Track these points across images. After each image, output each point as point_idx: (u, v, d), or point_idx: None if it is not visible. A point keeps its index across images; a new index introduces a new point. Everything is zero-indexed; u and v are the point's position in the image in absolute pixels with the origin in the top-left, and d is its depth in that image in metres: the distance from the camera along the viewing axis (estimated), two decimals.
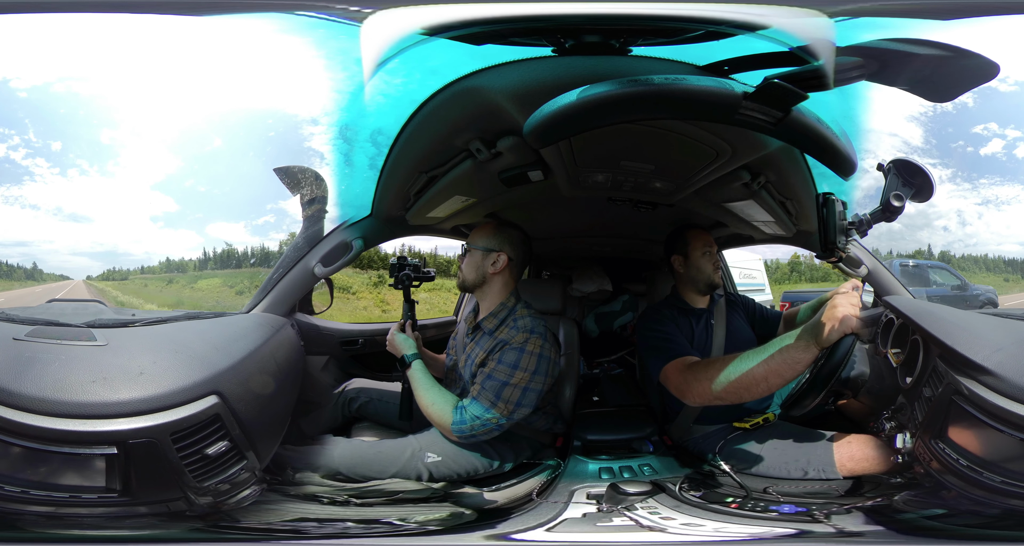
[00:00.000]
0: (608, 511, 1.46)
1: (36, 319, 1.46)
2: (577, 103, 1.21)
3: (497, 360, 1.68)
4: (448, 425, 1.67)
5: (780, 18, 1.26)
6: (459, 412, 1.67)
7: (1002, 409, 1.25)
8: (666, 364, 1.74)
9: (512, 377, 1.65)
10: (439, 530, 1.42)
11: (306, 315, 2.22)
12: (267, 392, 1.54)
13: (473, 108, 1.50)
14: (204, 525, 1.34)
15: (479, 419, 1.65)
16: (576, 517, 1.45)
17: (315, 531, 1.38)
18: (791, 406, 1.49)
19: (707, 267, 2.00)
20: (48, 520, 1.26)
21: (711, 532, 1.37)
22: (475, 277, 1.81)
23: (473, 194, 2.02)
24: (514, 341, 1.68)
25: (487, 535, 1.40)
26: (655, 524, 1.39)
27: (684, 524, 1.39)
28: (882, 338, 1.70)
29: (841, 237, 1.41)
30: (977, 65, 1.30)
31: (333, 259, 1.94)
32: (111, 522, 1.27)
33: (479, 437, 1.68)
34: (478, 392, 1.68)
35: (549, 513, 1.46)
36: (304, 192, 1.94)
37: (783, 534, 1.37)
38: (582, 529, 1.40)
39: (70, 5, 1.46)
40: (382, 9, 1.34)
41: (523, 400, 1.67)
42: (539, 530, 1.40)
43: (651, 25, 1.29)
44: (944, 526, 1.37)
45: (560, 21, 1.29)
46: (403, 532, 1.40)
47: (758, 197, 1.95)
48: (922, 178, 1.45)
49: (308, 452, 1.69)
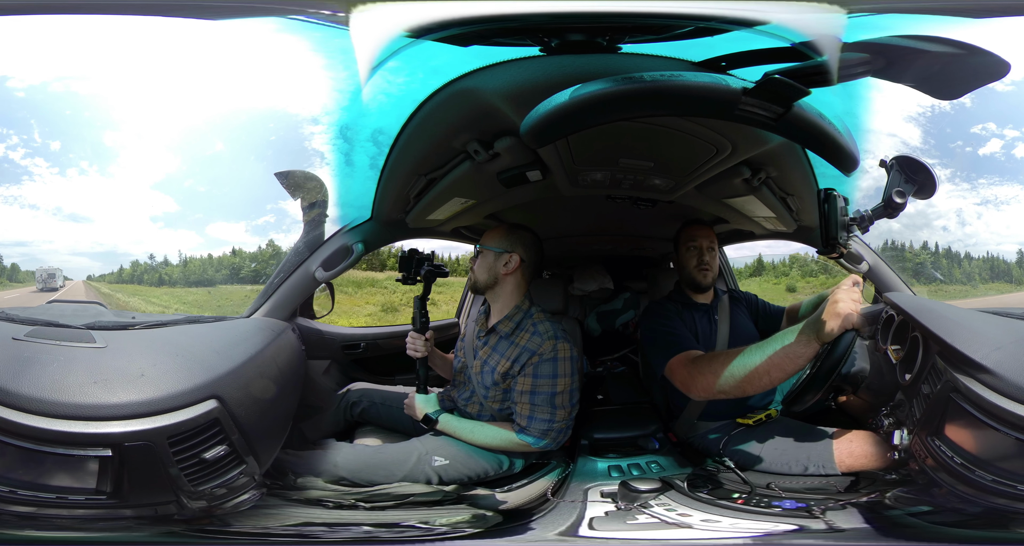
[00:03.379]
0: (627, 509, 1.47)
1: (36, 319, 1.46)
2: (573, 101, 1.21)
3: (533, 375, 1.71)
4: (531, 450, 1.74)
5: (790, 14, 1.25)
6: (527, 436, 1.72)
7: (999, 408, 1.24)
8: (671, 358, 1.75)
9: (557, 386, 1.70)
10: (472, 534, 1.43)
11: (307, 319, 2.21)
12: (268, 396, 1.53)
13: (469, 109, 1.50)
14: (194, 529, 1.33)
15: (550, 431, 1.71)
16: (600, 516, 1.46)
17: (323, 536, 1.38)
18: (793, 402, 1.49)
19: (689, 262, 1.99)
20: (30, 521, 1.25)
21: (728, 528, 1.39)
22: (487, 278, 1.80)
23: (472, 195, 2.01)
24: (543, 351, 1.70)
25: (525, 538, 1.41)
26: (679, 521, 1.41)
27: (703, 520, 1.42)
28: (882, 334, 1.70)
29: (842, 233, 1.41)
30: (987, 63, 1.30)
31: (334, 263, 1.93)
32: (95, 524, 1.26)
33: (562, 441, 1.75)
34: (531, 410, 1.71)
35: (571, 513, 1.48)
36: (304, 196, 1.93)
37: (787, 530, 1.38)
38: (612, 527, 1.42)
39: (70, 7, 1.46)
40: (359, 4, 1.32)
41: (573, 399, 1.74)
42: (581, 527, 1.42)
43: (637, 22, 1.29)
44: (937, 523, 1.37)
45: (540, 20, 1.28)
46: (432, 536, 1.40)
47: (759, 193, 1.94)
48: (925, 175, 1.45)
49: (310, 457, 1.68)
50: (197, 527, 1.33)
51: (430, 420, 1.79)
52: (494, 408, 1.79)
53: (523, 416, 1.71)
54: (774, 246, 3.10)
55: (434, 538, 1.39)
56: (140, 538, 1.30)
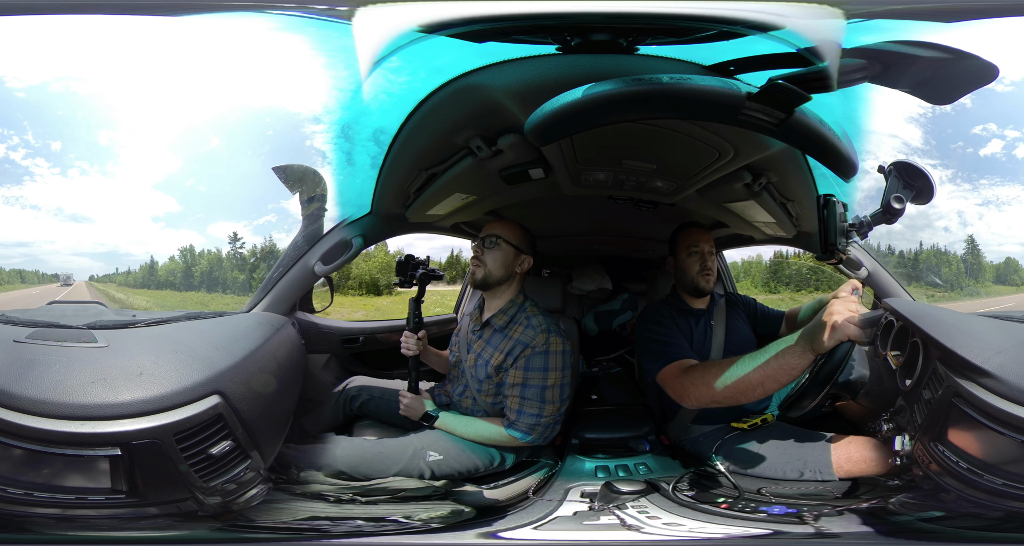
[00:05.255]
0: (599, 510, 1.48)
1: (36, 321, 1.46)
2: (580, 101, 1.21)
3: (525, 367, 1.73)
4: (519, 444, 1.76)
5: (794, 18, 1.25)
6: (515, 430, 1.74)
7: (1002, 411, 1.24)
8: (663, 367, 1.75)
9: (548, 379, 1.72)
10: (437, 528, 1.44)
11: (306, 314, 2.21)
12: (269, 391, 1.54)
13: (473, 105, 1.49)
14: (215, 525, 1.34)
15: (538, 425, 1.73)
16: (567, 515, 1.47)
17: (324, 529, 1.39)
18: (789, 407, 1.49)
19: (692, 267, 1.96)
20: (56, 522, 1.26)
21: (686, 532, 1.40)
22: (504, 273, 1.80)
23: (474, 192, 2.01)
24: (535, 343, 1.73)
25: (480, 533, 1.42)
26: (636, 523, 1.42)
27: (666, 524, 1.42)
28: (882, 340, 1.70)
29: (841, 239, 1.42)
30: (976, 67, 1.30)
31: (333, 257, 1.94)
32: (121, 523, 1.27)
33: (550, 436, 1.78)
34: (520, 403, 1.73)
35: (541, 511, 1.49)
36: (304, 191, 1.93)
37: (761, 534, 1.38)
38: (569, 527, 1.43)
39: (69, 7, 1.45)
40: (365, 4, 1.32)
41: (563, 394, 1.76)
42: (527, 528, 1.43)
43: (663, 24, 1.28)
44: (942, 528, 1.37)
45: (572, 19, 1.28)
46: (405, 530, 1.42)
47: (759, 198, 1.94)
48: (922, 180, 1.45)
49: (311, 451, 1.69)
50: (226, 523, 1.35)
51: (430, 417, 1.82)
52: (487, 402, 1.82)
53: (512, 410, 1.74)
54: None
55: (403, 532, 1.42)
56: (172, 537, 1.32)
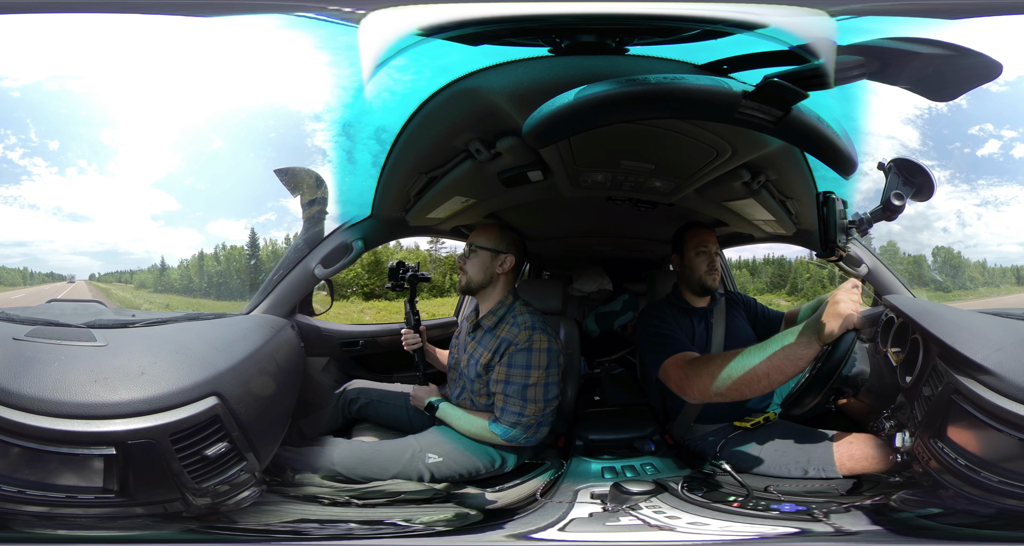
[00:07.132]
0: (614, 511, 1.46)
1: (36, 319, 1.46)
2: (576, 103, 1.21)
3: (508, 364, 1.72)
4: (499, 441, 1.75)
5: (780, 17, 1.25)
6: (496, 426, 1.74)
7: (1001, 409, 1.24)
8: (665, 360, 1.74)
9: (530, 377, 1.71)
10: (445, 531, 1.43)
11: (306, 316, 2.21)
12: (267, 393, 1.53)
13: (472, 109, 1.50)
14: (203, 526, 1.33)
15: (519, 424, 1.72)
16: (583, 517, 1.45)
17: (316, 532, 1.38)
18: (792, 405, 1.49)
19: (700, 267, 1.98)
20: (44, 520, 1.25)
21: (717, 531, 1.38)
22: (483, 278, 1.82)
23: (473, 194, 2.02)
24: (519, 341, 1.72)
25: (498, 536, 1.41)
26: (663, 523, 1.40)
27: (690, 523, 1.40)
28: (882, 337, 1.70)
29: (841, 236, 1.41)
30: (980, 64, 1.30)
31: (333, 260, 1.94)
32: (108, 522, 1.26)
33: (533, 438, 1.76)
34: (503, 401, 1.73)
35: (556, 513, 1.47)
36: (305, 193, 1.94)
37: (785, 533, 1.37)
38: (591, 528, 1.41)
39: (69, 5, 1.46)
40: (377, 9, 1.33)
41: (548, 394, 1.74)
42: (550, 530, 1.41)
43: (648, 25, 1.29)
44: (942, 525, 1.36)
45: (556, 21, 1.29)
46: (408, 533, 1.40)
47: (758, 196, 1.95)
48: (923, 177, 1.45)
49: (308, 453, 1.68)
50: (206, 524, 1.34)
51: (432, 407, 1.85)
52: (482, 403, 1.82)
53: (498, 407, 1.75)
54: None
55: (407, 535, 1.40)
56: (154, 537, 1.30)
